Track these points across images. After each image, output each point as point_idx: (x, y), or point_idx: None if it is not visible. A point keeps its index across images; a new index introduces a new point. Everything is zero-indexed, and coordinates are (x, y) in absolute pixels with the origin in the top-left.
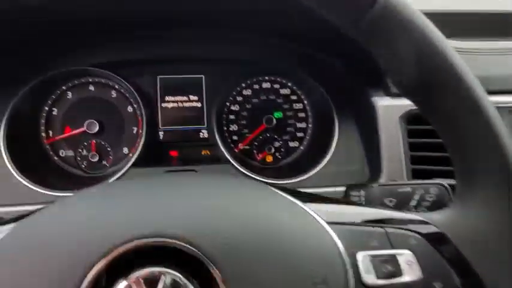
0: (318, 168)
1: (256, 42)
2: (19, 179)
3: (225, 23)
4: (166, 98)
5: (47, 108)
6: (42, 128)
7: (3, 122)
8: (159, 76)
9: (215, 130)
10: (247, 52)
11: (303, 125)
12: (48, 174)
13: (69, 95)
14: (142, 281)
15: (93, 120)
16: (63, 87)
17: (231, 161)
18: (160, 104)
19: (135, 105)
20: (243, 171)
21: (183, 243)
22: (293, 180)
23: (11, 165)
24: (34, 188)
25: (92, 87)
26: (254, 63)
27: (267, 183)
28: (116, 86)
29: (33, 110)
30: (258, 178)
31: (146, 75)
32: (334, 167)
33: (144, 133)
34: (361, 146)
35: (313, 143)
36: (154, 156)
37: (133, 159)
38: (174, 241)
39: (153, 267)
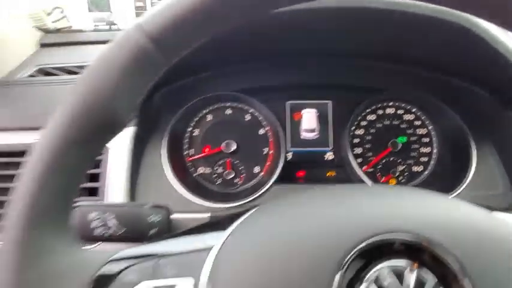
0: (455, 193)
1: (388, 70)
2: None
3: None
4: (295, 122)
5: (189, 129)
6: (186, 147)
7: (166, 140)
8: (288, 102)
9: (341, 153)
10: (375, 79)
11: (427, 149)
12: (189, 189)
13: (209, 118)
14: (390, 270)
15: (230, 140)
16: (204, 111)
17: (356, 182)
18: (290, 127)
19: (266, 128)
20: None
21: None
22: None
23: (174, 177)
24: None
25: (229, 111)
26: (380, 90)
27: None
28: (250, 110)
29: (181, 131)
30: None
31: (278, 101)
32: (473, 193)
33: (274, 154)
34: (504, 172)
35: (439, 169)
36: (284, 176)
37: (273, 179)
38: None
39: (398, 259)
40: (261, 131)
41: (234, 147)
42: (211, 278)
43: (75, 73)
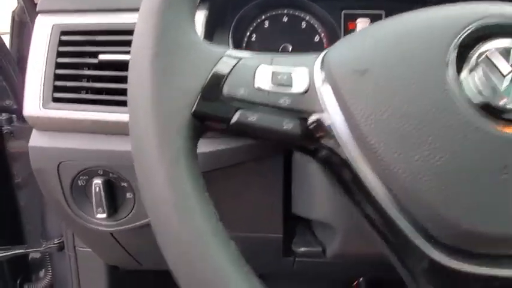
0: None
1: None
2: None
3: None
4: (349, 31)
5: (248, 34)
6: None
7: (230, 41)
8: (343, 11)
9: None
10: None
11: None
12: None
13: (266, 24)
14: (494, 49)
15: (287, 44)
16: (263, 17)
17: None
18: (344, 35)
19: (322, 35)
20: None
21: None
22: None
23: None
24: None
25: (285, 18)
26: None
27: None
28: (307, 18)
29: (240, 35)
30: None
31: (333, 10)
32: None
33: None
34: None
35: None
36: None
37: None
38: None
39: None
40: (317, 38)
41: (290, 49)
42: (323, 64)
43: None
